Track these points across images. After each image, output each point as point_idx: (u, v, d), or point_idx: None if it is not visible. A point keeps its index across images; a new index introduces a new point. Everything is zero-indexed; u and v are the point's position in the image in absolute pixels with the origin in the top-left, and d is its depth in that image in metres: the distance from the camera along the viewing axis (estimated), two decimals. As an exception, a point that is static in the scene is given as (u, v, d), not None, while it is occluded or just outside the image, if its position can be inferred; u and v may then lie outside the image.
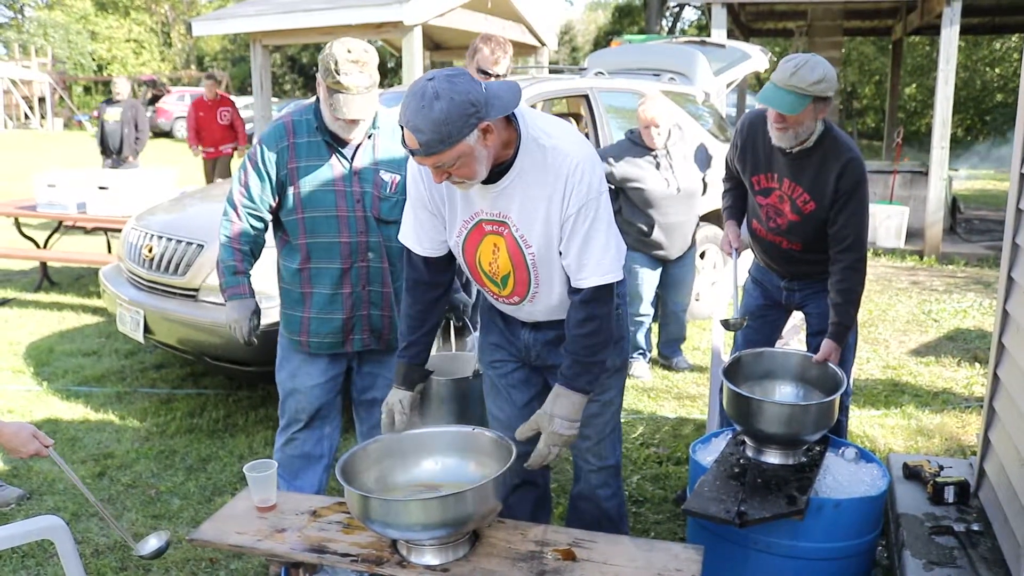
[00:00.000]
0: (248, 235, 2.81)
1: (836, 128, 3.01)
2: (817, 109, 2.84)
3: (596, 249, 2.14)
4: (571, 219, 2.11)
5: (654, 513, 3.46)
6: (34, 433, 2.18)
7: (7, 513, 3.46)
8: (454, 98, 1.89)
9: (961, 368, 5.32)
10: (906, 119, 25.72)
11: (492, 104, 1.96)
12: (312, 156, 2.74)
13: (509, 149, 2.09)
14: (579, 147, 2.13)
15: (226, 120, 10.66)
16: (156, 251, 4.49)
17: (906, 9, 12.61)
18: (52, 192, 6.80)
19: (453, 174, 2.02)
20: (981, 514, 2.94)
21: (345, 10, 8.15)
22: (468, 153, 1.97)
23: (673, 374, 5.22)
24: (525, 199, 2.13)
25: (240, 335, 2.84)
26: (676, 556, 2.10)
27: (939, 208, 9.06)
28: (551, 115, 2.33)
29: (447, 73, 1.94)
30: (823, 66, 2.81)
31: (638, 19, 32.70)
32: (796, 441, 2.76)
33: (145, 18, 40.01)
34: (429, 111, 1.89)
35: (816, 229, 3.03)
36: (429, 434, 2.36)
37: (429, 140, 1.92)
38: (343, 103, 2.60)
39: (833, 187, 2.92)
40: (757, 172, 3.14)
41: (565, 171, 2.07)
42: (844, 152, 2.92)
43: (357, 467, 2.21)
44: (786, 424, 2.71)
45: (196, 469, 3.90)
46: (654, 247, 4.94)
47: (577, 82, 5.89)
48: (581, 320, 2.20)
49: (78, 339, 5.95)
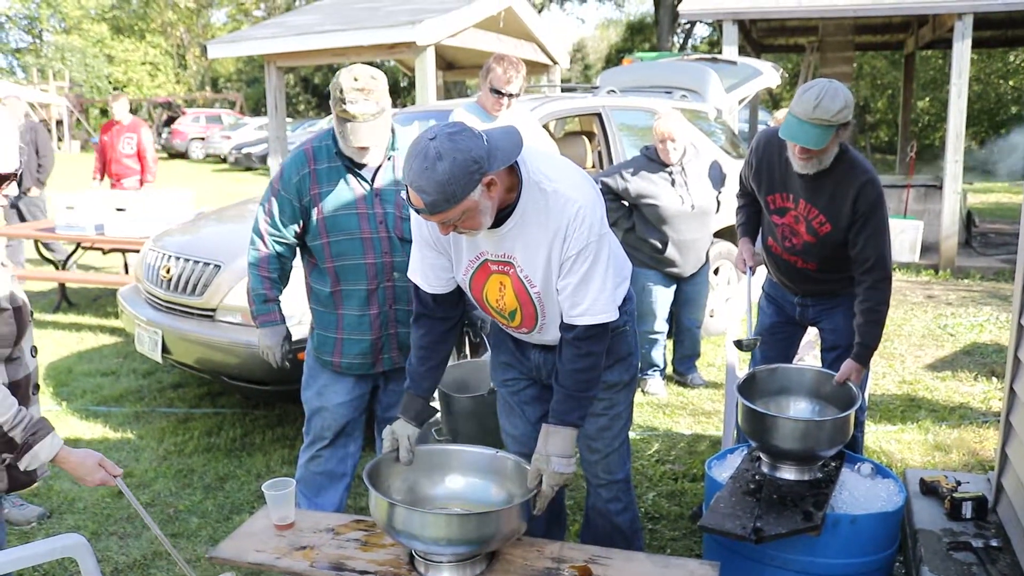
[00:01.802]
0: (275, 262, 2.86)
1: (852, 149, 3.00)
2: (839, 136, 2.85)
3: (593, 290, 2.15)
4: (570, 260, 2.13)
5: (670, 530, 3.46)
6: (101, 461, 2.16)
7: (28, 532, 3.50)
8: (456, 157, 1.90)
9: (978, 383, 5.29)
10: (919, 133, 25.64)
11: (494, 156, 1.97)
12: (333, 181, 2.77)
13: (512, 194, 2.11)
14: (580, 191, 2.14)
15: (130, 149, 8.26)
16: (174, 272, 4.54)
17: (917, 23, 12.62)
18: (70, 214, 6.88)
19: (459, 227, 2.04)
20: (1000, 530, 2.92)
21: (358, 31, 8.24)
22: (473, 208, 1.98)
23: (688, 391, 5.22)
24: (528, 241, 2.16)
25: (273, 360, 2.95)
26: (692, 572, 2.11)
27: (954, 222, 9.02)
28: (553, 154, 2.34)
29: (448, 131, 1.94)
30: (843, 92, 2.77)
31: (650, 36, 32.84)
32: (811, 457, 2.76)
33: (161, 41, 40.54)
34: (432, 172, 1.89)
35: (832, 250, 3.03)
36: (455, 452, 2.39)
37: (435, 200, 1.92)
38: (351, 131, 2.63)
39: (850, 209, 2.92)
40: (773, 191, 3.14)
41: (567, 216, 2.09)
42: (860, 174, 2.92)
43: (383, 474, 2.25)
44: (801, 440, 2.71)
45: (214, 488, 3.93)
46: (668, 264, 4.95)
47: (589, 100, 5.93)
48: (574, 356, 2.21)
49: (96, 359, 6.01)
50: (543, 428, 2.25)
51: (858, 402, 2.80)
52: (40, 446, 2.03)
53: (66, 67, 35.17)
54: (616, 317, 2.23)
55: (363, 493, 3.79)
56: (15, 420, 1.99)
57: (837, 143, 2.88)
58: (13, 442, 2.01)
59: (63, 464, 2.11)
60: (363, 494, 3.78)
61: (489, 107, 4.40)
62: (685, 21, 27.94)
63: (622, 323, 2.42)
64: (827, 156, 2.89)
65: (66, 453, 2.10)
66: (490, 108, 4.40)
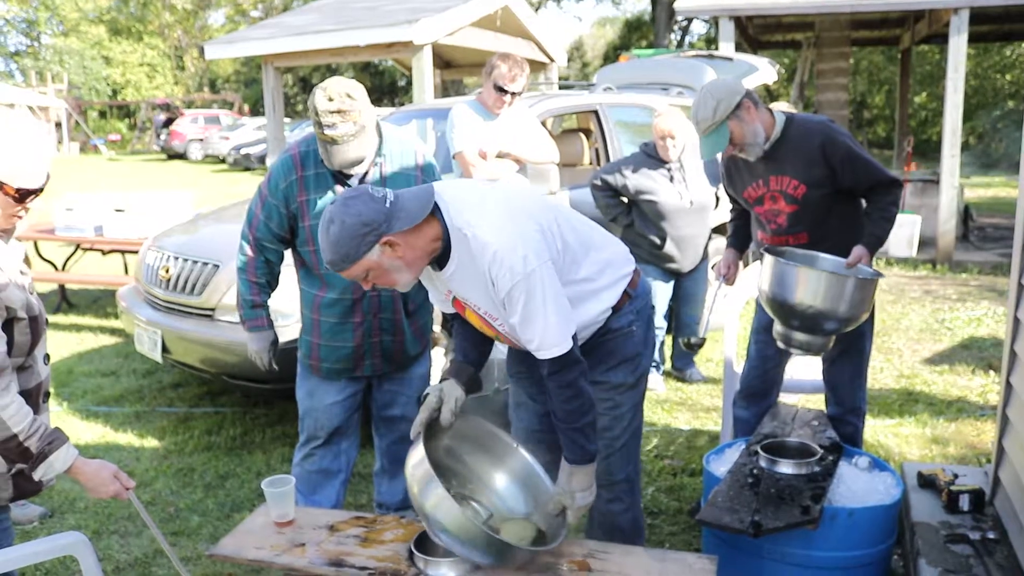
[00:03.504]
0: (263, 267, 2.88)
1: (799, 115, 3.12)
2: (740, 119, 2.95)
3: (537, 326, 2.13)
4: (504, 301, 2.13)
5: (669, 524, 3.47)
6: (115, 473, 2.14)
7: (30, 531, 3.51)
8: (345, 221, 2.00)
9: (975, 376, 5.30)
10: (917, 128, 25.66)
11: (396, 217, 2.04)
12: (320, 189, 2.76)
13: (438, 243, 2.14)
14: (497, 232, 2.10)
15: None
16: (173, 272, 4.55)
17: (914, 18, 12.62)
18: (70, 216, 6.89)
19: (375, 284, 2.13)
20: (997, 522, 2.93)
21: (355, 31, 8.25)
22: (376, 267, 2.07)
23: (687, 386, 5.23)
24: (470, 284, 2.19)
25: (262, 364, 2.99)
26: (690, 566, 2.12)
27: (951, 216, 9.04)
28: (479, 193, 2.26)
29: (345, 196, 2.06)
30: (711, 91, 2.95)
31: (647, 33, 32.84)
32: (824, 322, 2.82)
33: (158, 43, 40.55)
34: (326, 235, 2.04)
35: (815, 212, 3.08)
36: (509, 447, 2.41)
37: (332, 260, 2.05)
38: (333, 153, 2.62)
39: (824, 165, 3.00)
40: (745, 187, 3.22)
41: (486, 261, 2.09)
42: (816, 131, 3.02)
43: (435, 429, 2.25)
44: (822, 297, 2.77)
45: (214, 486, 3.94)
46: (667, 260, 4.97)
47: (586, 98, 5.94)
48: (556, 390, 2.21)
49: (96, 360, 6.02)
50: (563, 466, 2.26)
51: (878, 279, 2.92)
52: (55, 456, 2.01)
53: (64, 70, 35.18)
54: (570, 346, 2.17)
55: (362, 490, 3.81)
56: (31, 429, 1.97)
57: (754, 123, 2.98)
58: (27, 452, 1.98)
59: (77, 475, 2.08)
60: (362, 491, 3.80)
61: (491, 105, 4.41)
62: (682, 18, 27.97)
63: (627, 323, 2.41)
64: (751, 138, 2.99)
65: (81, 464, 2.07)
66: (492, 106, 4.41)
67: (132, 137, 34.70)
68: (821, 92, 13.71)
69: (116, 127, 36.94)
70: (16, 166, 2.00)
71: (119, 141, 34.49)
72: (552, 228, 2.22)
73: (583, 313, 2.29)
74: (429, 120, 5.62)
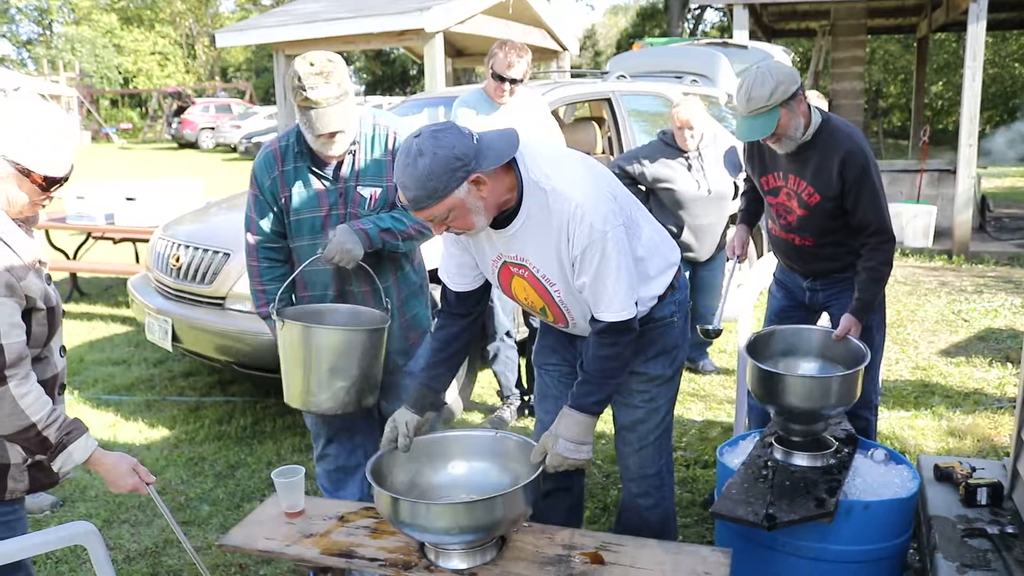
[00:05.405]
0: (267, 271, 2.83)
1: (835, 118, 3.03)
2: (791, 109, 2.87)
3: (608, 287, 2.11)
4: (578, 259, 2.10)
5: (682, 517, 3.44)
6: (135, 467, 2.12)
7: (41, 520, 3.51)
8: (437, 153, 1.91)
9: (993, 368, 5.24)
10: (933, 117, 25.44)
11: (484, 155, 1.96)
12: (299, 183, 2.71)
13: (513, 194, 2.08)
14: (579, 188, 2.09)
15: None
16: (183, 260, 4.53)
17: (931, 6, 12.49)
18: (81, 204, 6.90)
19: (451, 226, 2.04)
20: (1015, 516, 2.89)
21: (366, 19, 8.21)
22: (460, 206, 1.98)
23: (700, 377, 5.20)
24: (537, 242, 2.13)
25: None
26: (704, 559, 2.09)
27: (967, 206, 8.94)
28: (557, 150, 2.27)
29: (433, 129, 1.96)
30: (773, 73, 2.84)
31: (660, 22, 32.67)
32: (818, 416, 2.74)
33: (170, 31, 40.62)
34: (414, 168, 1.92)
35: (824, 221, 3.04)
36: (456, 437, 2.38)
37: (416, 196, 1.94)
38: (316, 118, 2.54)
39: (838, 179, 2.94)
40: (765, 173, 3.19)
41: (566, 215, 2.06)
42: (842, 143, 2.94)
43: (386, 469, 2.22)
44: (807, 398, 2.70)
45: (225, 476, 3.94)
46: (684, 248, 4.92)
47: (599, 86, 5.89)
48: (599, 344, 2.20)
49: (108, 348, 6.03)
50: (562, 409, 2.24)
51: (866, 359, 2.79)
52: (74, 446, 1.99)
53: (76, 58, 35.29)
54: (635, 313, 2.18)
55: (373, 481, 3.80)
56: (49, 419, 1.94)
57: (799, 117, 2.90)
58: (45, 441, 1.96)
59: (96, 467, 2.06)
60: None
61: (492, 93, 4.34)
62: (696, 6, 27.76)
63: (669, 314, 2.39)
64: (793, 131, 2.91)
65: (100, 455, 2.05)
66: (493, 94, 4.34)
67: (143, 125, 34.80)
68: (836, 81, 13.59)
69: (127, 115, 37.08)
70: (43, 154, 1.97)
71: (130, 129, 34.62)
72: (621, 199, 2.21)
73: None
74: (440, 108, 5.57)
